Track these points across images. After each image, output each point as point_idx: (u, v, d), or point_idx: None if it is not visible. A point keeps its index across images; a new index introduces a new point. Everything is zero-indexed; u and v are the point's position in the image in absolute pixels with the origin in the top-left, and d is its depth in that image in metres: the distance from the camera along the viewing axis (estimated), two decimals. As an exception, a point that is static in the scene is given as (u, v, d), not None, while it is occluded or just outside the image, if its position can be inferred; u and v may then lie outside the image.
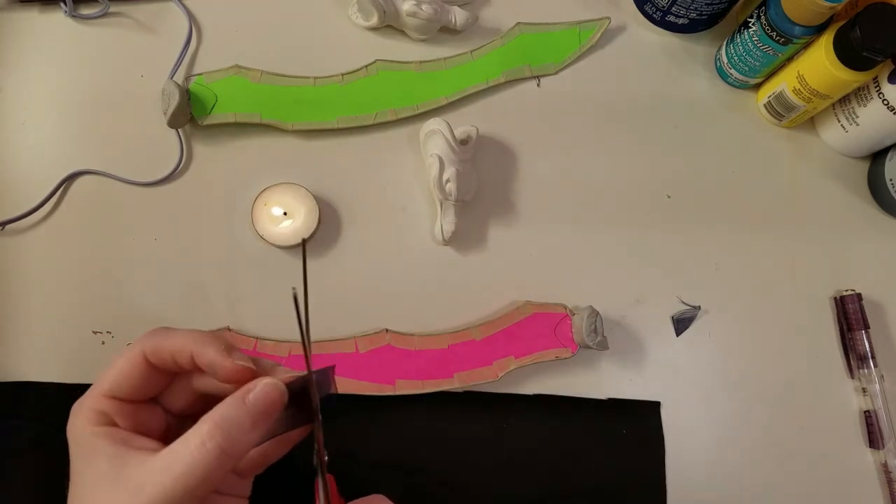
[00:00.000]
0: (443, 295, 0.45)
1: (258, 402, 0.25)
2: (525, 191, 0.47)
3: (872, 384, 0.44)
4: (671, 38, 0.51)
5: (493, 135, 0.47)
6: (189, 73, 0.46)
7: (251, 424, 0.25)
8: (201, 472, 0.24)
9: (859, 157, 0.50)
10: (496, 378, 0.42)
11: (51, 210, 0.44)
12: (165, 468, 0.24)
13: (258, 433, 0.25)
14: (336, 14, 0.48)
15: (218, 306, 0.43)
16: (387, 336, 0.43)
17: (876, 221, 0.49)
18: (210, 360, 0.27)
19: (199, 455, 0.24)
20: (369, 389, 0.42)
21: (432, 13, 0.45)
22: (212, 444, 0.24)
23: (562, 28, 0.49)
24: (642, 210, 0.47)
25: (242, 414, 0.25)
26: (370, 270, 0.45)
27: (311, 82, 0.46)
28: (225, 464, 0.24)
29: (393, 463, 0.42)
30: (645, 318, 0.46)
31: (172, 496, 0.24)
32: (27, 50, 0.46)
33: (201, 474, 0.24)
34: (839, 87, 0.43)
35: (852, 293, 0.46)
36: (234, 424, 0.25)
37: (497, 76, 0.48)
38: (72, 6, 0.46)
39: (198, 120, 0.44)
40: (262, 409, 0.25)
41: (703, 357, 0.45)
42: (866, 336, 0.45)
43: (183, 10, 0.47)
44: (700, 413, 0.45)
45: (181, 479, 0.24)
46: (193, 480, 0.24)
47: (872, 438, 0.44)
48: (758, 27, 0.44)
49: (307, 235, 0.43)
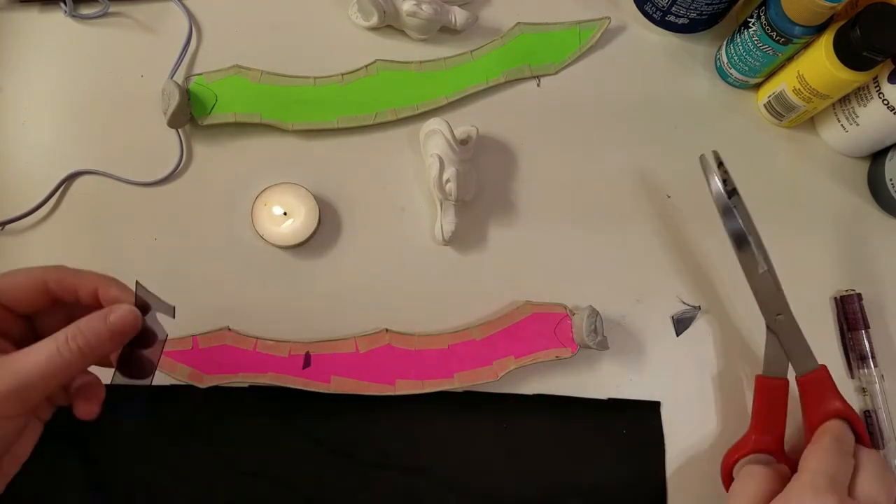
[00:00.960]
0: (443, 295, 0.45)
1: (117, 323, 0.30)
2: (525, 191, 0.47)
3: (873, 384, 0.44)
4: (671, 38, 0.51)
5: (493, 135, 0.47)
6: (189, 73, 0.46)
7: (108, 337, 0.30)
8: (60, 367, 0.29)
9: (859, 157, 0.50)
10: (496, 378, 0.42)
11: (51, 210, 0.44)
12: (26, 360, 0.28)
13: (111, 346, 0.31)
14: (336, 14, 0.48)
15: (218, 306, 0.43)
16: (387, 336, 0.43)
17: (876, 221, 0.49)
18: (114, 296, 0.32)
19: (63, 351, 0.29)
20: (369, 389, 0.42)
21: (432, 13, 0.45)
22: (73, 345, 0.29)
23: (562, 28, 0.49)
24: (642, 210, 0.47)
25: (102, 328, 0.30)
26: (370, 270, 0.45)
27: (311, 82, 0.46)
28: (80, 364, 0.29)
29: (393, 463, 0.42)
30: (645, 318, 0.46)
31: (27, 384, 0.28)
32: (27, 50, 0.46)
33: (59, 369, 0.29)
34: (839, 87, 0.43)
35: (852, 293, 0.46)
36: (95, 334, 0.30)
37: (497, 76, 0.48)
38: (72, 6, 0.46)
39: (198, 120, 0.44)
40: (118, 329, 0.30)
41: (703, 357, 0.45)
42: (866, 336, 0.45)
43: (183, 10, 0.47)
44: (700, 413, 0.45)
45: (40, 369, 0.28)
46: (51, 371, 0.29)
47: (873, 438, 0.44)
48: (758, 27, 0.44)
49: (307, 235, 0.43)
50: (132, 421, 0.41)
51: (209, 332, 0.42)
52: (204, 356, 0.41)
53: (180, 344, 0.41)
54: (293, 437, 0.42)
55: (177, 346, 0.41)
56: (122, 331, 0.31)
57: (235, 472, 0.41)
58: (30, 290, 0.32)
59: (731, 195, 0.42)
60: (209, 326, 0.42)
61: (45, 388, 0.29)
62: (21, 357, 0.29)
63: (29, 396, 0.29)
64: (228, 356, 0.41)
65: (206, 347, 0.42)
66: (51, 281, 0.32)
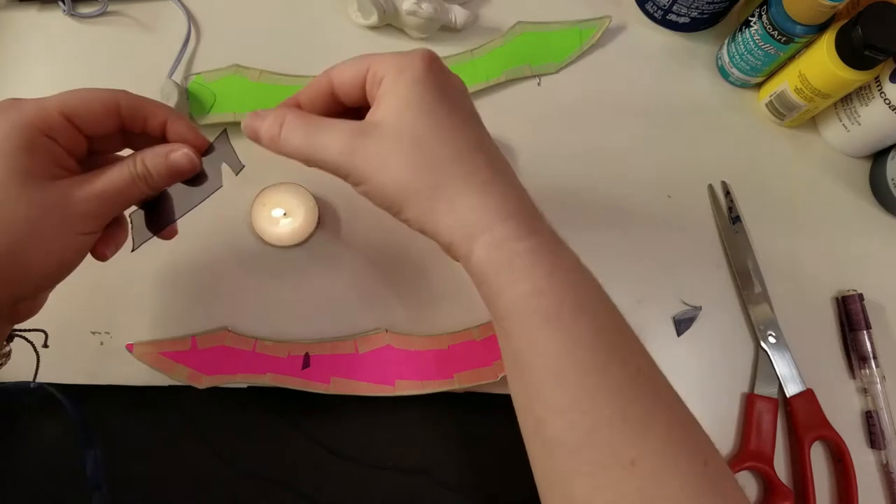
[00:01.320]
0: (443, 295, 0.45)
1: (175, 162, 0.32)
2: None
3: (874, 385, 0.44)
4: (672, 37, 0.51)
5: (493, 134, 0.47)
6: (188, 73, 0.46)
7: (166, 173, 0.32)
8: (127, 188, 0.31)
9: (861, 157, 0.50)
10: (496, 378, 0.42)
11: (50, 210, 0.44)
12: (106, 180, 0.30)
13: (166, 182, 0.32)
14: (335, 13, 0.48)
15: (217, 306, 0.43)
16: (387, 336, 0.43)
17: (878, 221, 0.49)
18: (180, 130, 0.33)
19: (130, 174, 0.31)
20: (369, 390, 0.42)
21: (432, 12, 0.45)
22: (139, 170, 0.31)
23: (562, 27, 0.49)
24: (642, 210, 0.47)
25: (162, 163, 0.32)
26: (370, 270, 0.45)
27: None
28: (142, 191, 0.32)
29: (393, 464, 0.42)
30: (645, 318, 0.45)
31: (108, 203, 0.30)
32: (26, 49, 0.46)
33: (127, 190, 0.31)
34: (841, 87, 0.43)
35: (854, 293, 0.46)
36: (155, 167, 0.31)
37: (497, 75, 0.48)
38: (70, 5, 0.46)
39: (196, 119, 0.44)
40: (175, 168, 0.32)
41: (703, 357, 0.45)
42: (868, 336, 0.45)
43: (182, 9, 0.47)
44: (700, 413, 0.44)
45: (119, 190, 0.31)
46: (129, 194, 0.31)
47: (874, 439, 0.44)
48: (759, 26, 0.44)
49: (307, 235, 0.43)
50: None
51: (208, 333, 0.42)
52: (203, 357, 0.41)
53: (179, 345, 0.41)
54: (293, 437, 0.42)
55: (176, 346, 0.41)
56: (179, 171, 0.32)
57: (235, 472, 0.41)
58: (102, 112, 0.31)
59: (734, 221, 0.46)
60: (208, 327, 0.42)
61: (120, 209, 0.32)
62: (99, 178, 0.30)
63: (107, 215, 0.31)
64: (228, 357, 0.41)
65: (204, 348, 0.41)
66: (123, 104, 0.32)
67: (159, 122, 0.33)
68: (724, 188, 0.47)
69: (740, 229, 0.46)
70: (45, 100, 0.30)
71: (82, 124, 0.31)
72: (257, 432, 0.42)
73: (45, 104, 0.30)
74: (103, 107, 0.31)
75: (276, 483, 0.41)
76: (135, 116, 0.32)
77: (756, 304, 0.45)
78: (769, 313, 0.45)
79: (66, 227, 0.29)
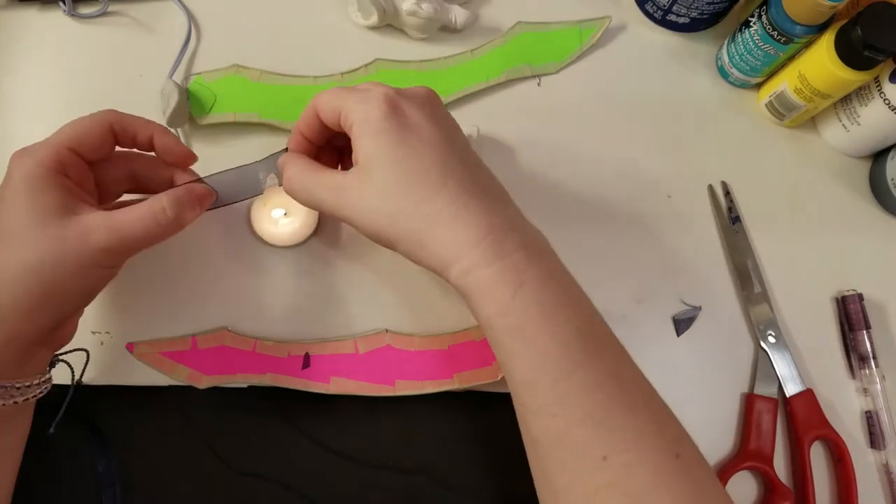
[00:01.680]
0: (443, 295, 0.45)
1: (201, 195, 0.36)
2: (525, 191, 0.46)
3: (874, 385, 0.44)
4: (672, 38, 0.51)
5: (493, 134, 0.47)
6: (188, 73, 0.46)
7: (191, 207, 0.35)
8: (152, 230, 0.33)
9: (861, 157, 0.50)
10: (496, 378, 0.42)
11: (50, 210, 0.44)
12: (129, 218, 0.32)
13: (193, 216, 0.35)
14: (336, 13, 0.48)
15: (217, 306, 0.43)
16: (387, 336, 0.43)
17: (877, 221, 0.49)
18: (167, 143, 0.36)
19: (160, 216, 0.33)
20: (369, 390, 0.42)
21: (432, 12, 0.45)
22: (171, 213, 0.33)
23: (562, 27, 0.49)
24: (643, 210, 0.47)
25: (190, 199, 0.35)
26: (370, 270, 0.45)
27: (311, 81, 0.46)
28: (169, 231, 0.34)
29: (393, 464, 0.42)
30: (645, 318, 0.45)
31: (130, 242, 0.32)
32: (26, 49, 0.46)
33: (158, 232, 0.33)
34: (840, 87, 0.43)
35: (854, 293, 0.46)
36: (184, 204, 0.34)
37: (497, 75, 0.48)
38: (71, 5, 0.46)
39: (197, 119, 0.44)
40: (198, 200, 0.36)
41: (703, 357, 0.45)
42: (868, 336, 0.45)
43: (182, 9, 0.47)
44: (700, 413, 0.44)
45: (144, 229, 0.32)
46: (152, 233, 0.33)
47: (874, 439, 0.44)
48: (759, 26, 0.44)
49: (307, 236, 0.43)
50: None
51: (208, 333, 0.42)
52: (203, 357, 0.41)
53: (179, 345, 0.41)
54: (293, 437, 0.42)
55: (175, 346, 0.41)
56: (202, 203, 0.36)
57: (235, 472, 0.41)
58: (100, 135, 0.34)
59: (734, 221, 0.47)
60: (208, 327, 0.42)
61: (141, 247, 0.33)
62: (123, 215, 0.32)
63: (128, 253, 0.33)
64: (228, 357, 0.41)
65: (205, 348, 0.41)
66: (114, 123, 0.35)
67: (146, 136, 0.36)
68: (724, 188, 0.47)
69: (740, 229, 0.46)
70: (51, 140, 0.33)
71: (87, 152, 0.34)
72: (257, 432, 0.42)
73: (52, 143, 0.33)
74: (100, 130, 0.34)
75: (276, 483, 0.41)
76: (125, 132, 0.35)
77: (756, 303, 0.45)
78: (769, 313, 0.45)
79: (87, 258, 0.32)
